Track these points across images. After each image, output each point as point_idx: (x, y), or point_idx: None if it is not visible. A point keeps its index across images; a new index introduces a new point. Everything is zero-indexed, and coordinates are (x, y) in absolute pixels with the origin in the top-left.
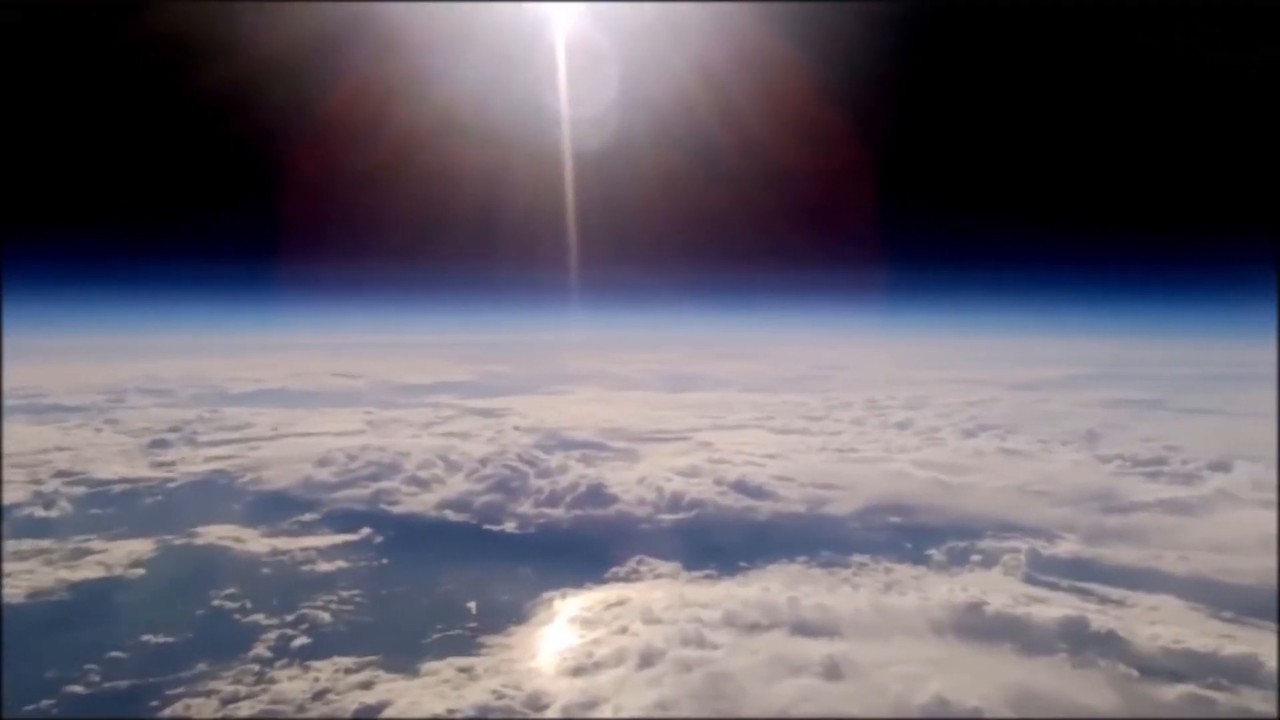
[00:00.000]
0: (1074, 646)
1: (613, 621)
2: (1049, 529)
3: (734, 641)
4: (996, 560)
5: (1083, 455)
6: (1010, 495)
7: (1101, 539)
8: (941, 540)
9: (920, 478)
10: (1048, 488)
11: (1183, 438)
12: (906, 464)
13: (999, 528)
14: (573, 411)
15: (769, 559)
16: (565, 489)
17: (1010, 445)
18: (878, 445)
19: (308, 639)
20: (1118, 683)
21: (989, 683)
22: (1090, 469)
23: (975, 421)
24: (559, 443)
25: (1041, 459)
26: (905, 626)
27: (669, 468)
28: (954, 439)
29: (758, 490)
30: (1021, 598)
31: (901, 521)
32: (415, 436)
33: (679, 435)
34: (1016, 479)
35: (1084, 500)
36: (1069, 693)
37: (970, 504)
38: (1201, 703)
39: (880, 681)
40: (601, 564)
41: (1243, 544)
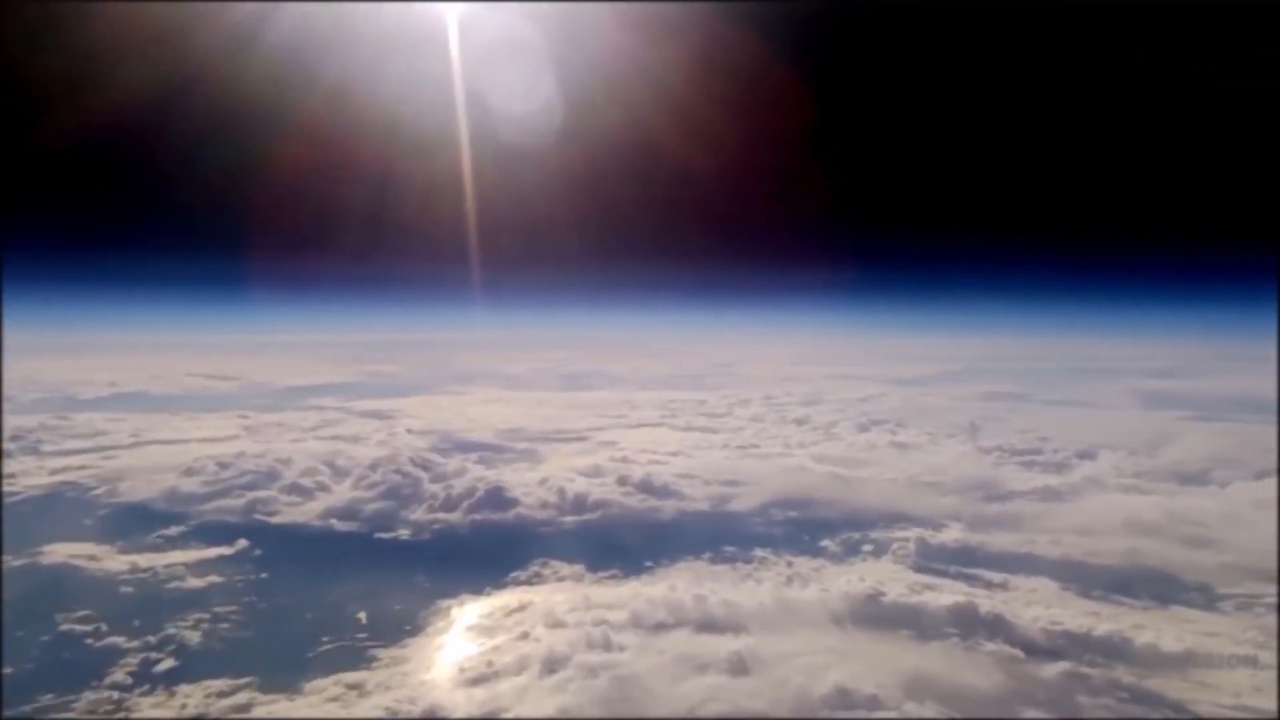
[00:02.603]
0: (964, 630)
1: (514, 628)
2: (936, 518)
3: (640, 642)
4: (887, 550)
5: (966, 447)
6: (901, 487)
7: (983, 526)
8: (838, 532)
9: (818, 472)
10: (935, 479)
11: (1052, 429)
12: (805, 459)
13: (890, 518)
14: (469, 412)
15: (675, 557)
16: (462, 493)
17: (900, 439)
18: (777, 441)
19: (174, 661)
20: (1005, 663)
21: (886, 670)
22: (973, 460)
23: (867, 416)
24: (455, 445)
25: (929, 451)
26: (807, 618)
27: (571, 468)
28: (849, 434)
29: (662, 489)
30: (916, 585)
31: (801, 515)
32: (297, 441)
33: (580, 435)
34: (906, 471)
35: (967, 490)
36: (960, 675)
37: (864, 496)
38: (1078, 679)
39: (783, 674)
40: (502, 569)
41: (1107, 527)
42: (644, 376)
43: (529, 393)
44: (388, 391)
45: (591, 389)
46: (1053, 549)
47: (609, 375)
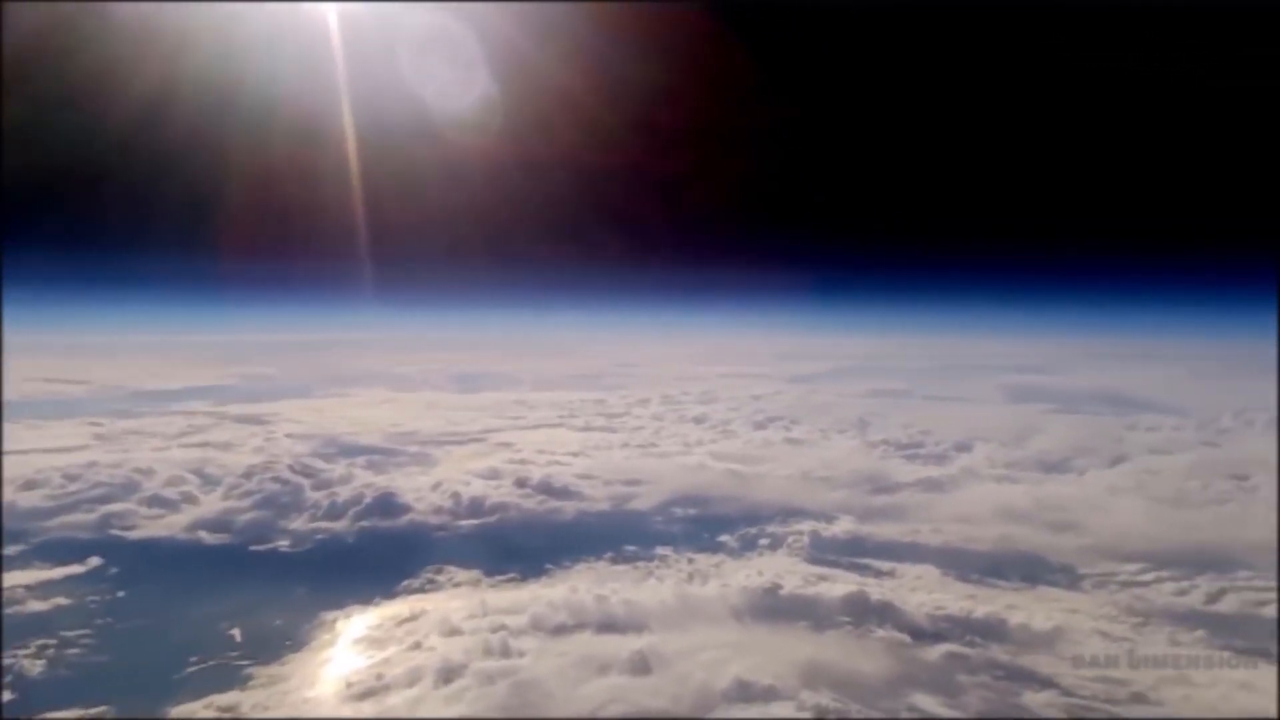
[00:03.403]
0: (856, 618)
1: (406, 638)
2: (829, 511)
3: (541, 646)
4: (783, 543)
5: (855, 442)
6: (795, 482)
7: (872, 517)
8: (736, 528)
9: (717, 469)
10: (827, 473)
11: (932, 423)
12: (704, 456)
13: (786, 513)
14: (355, 415)
15: (575, 558)
16: (349, 500)
17: (794, 435)
18: (676, 439)
19: (13, 694)
20: (893, 648)
21: (783, 661)
22: (861, 454)
23: (763, 414)
24: (340, 450)
25: (821, 447)
26: (708, 614)
27: (467, 471)
28: (745, 431)
29: (562, 490)
30: (811, 577)
31: (701, 512)
32: (160, 450)
33: (476, 437)
34: (800, 466)
35: (857, 483)
36: (853, 662)
37: (761, 492)
38: (958, 659)
39: (685, 671)
40: (393, 578)
41: (982, 515)
42: (540, 377)
43: (420, 394)
44: (264, 395)
45: (486, 390)
46: (935, 537)
47: (504, 376)
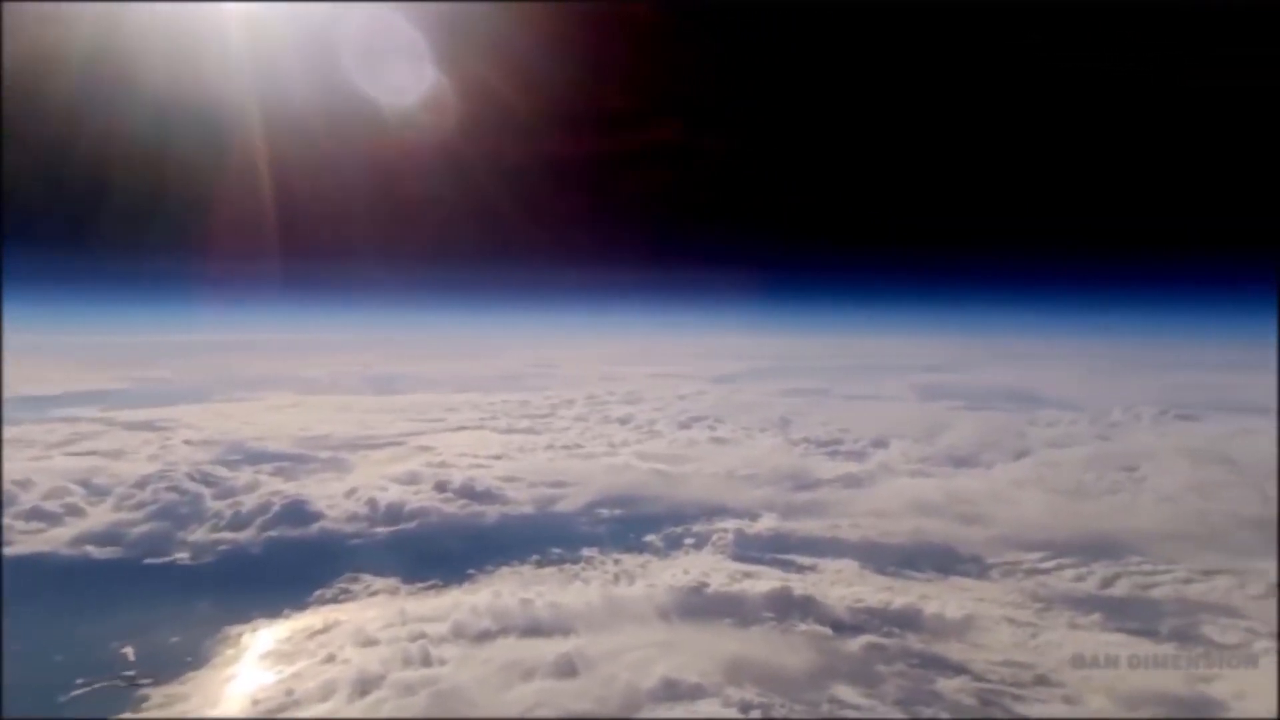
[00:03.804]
0: (780, 614)
1: (318, 650)
2: (753, 509)
3: (463, 653)
4: (707, 541)
5: (777, 440)
6: (720, 480)
7: (794, 514)
8: (662, 528)
9: (642, 469)
10: (751, 471)
11: (850, 421)
12: (629, 457)
13: (711, 511)
14: (262, 420)
15: (499, 563)
16: (255, 509)
17: (719, 434)
18: (601, 440)
19: None
20: (816, 641)
21: (709, 658)
22: (783, 452)
23: (687, 413)
24: (245, 456)
25: (745, 445)
26: (634, 614)
27: (384, 476)
28: (670, 431)
29: (485, 493)
30: (736, 574)
31: (627, 513)
32: (39, 459)
33: (393, 441)
34: (725, 465)
35: (780, 480)
36: (777, 657)
37: (687, 491)
38: (877, 650)
39: (611, 672)
40: (304, 588)
41: (898, 509)
42: (461, 378)
43: (331, 397)
44: (160, 399)
45: (403, 392)
46: (854, 532)
47: (422, 377)
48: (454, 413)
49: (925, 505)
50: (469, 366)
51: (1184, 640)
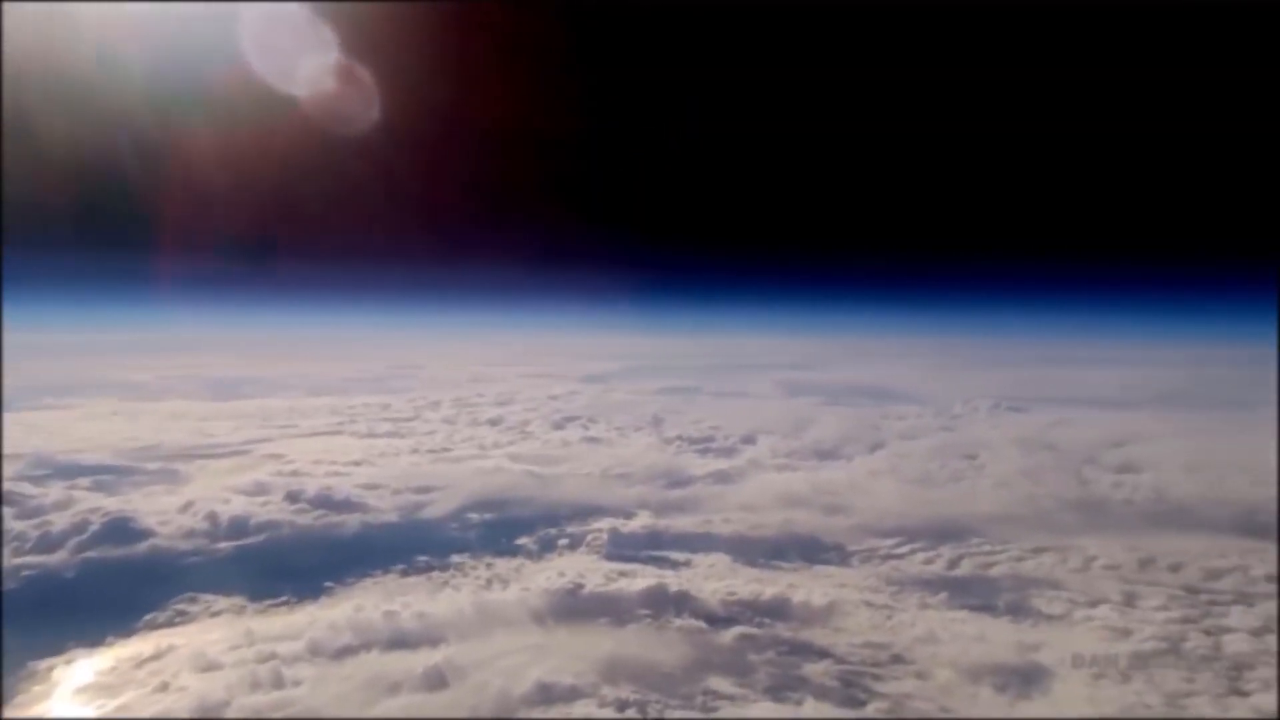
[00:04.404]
0: (656, 610)
1: (149, 680)
2: (627, 507)
3: (321, 672)
4: (582, 542)
5: (651, 438)
6: (594, 480)
7: (668, 511)
8: (536, 530)
9: (515, 471)
10: (625, 470)
11: (720, 418)
12: (501, 459)
13: (586, 511)
14: (77, 430)
15: (360, 575)
16: (68, 528)
17: (592, 434)
18: (471, 443)
19: None
20: (690, 635)
21: (585, 659)
22: (657, 450)
23: (560, 414)
24: (55, 470)
25: (619, 445)
26: (508, 619)
27: (226, 487)
28: (543, 431)
29: (343, 502)
30: (611, 574)
31: (499, 516)
32: None
33: (237, 449)
34: (599, 464)
35: (653, 478)
36: (652, 653)
37: (561, 492)
38: (749, 640)
39: (483, 680)
40: (130, 614)
41: (767, 502)
42: (315, 381)
43: (162, 404)
44: None
45: (249, 397)
46: (726, 526)
47: (270, 381)
48: (307, 418)
49: (792, 498)
50: (324, 369)
51: (1017, 613)
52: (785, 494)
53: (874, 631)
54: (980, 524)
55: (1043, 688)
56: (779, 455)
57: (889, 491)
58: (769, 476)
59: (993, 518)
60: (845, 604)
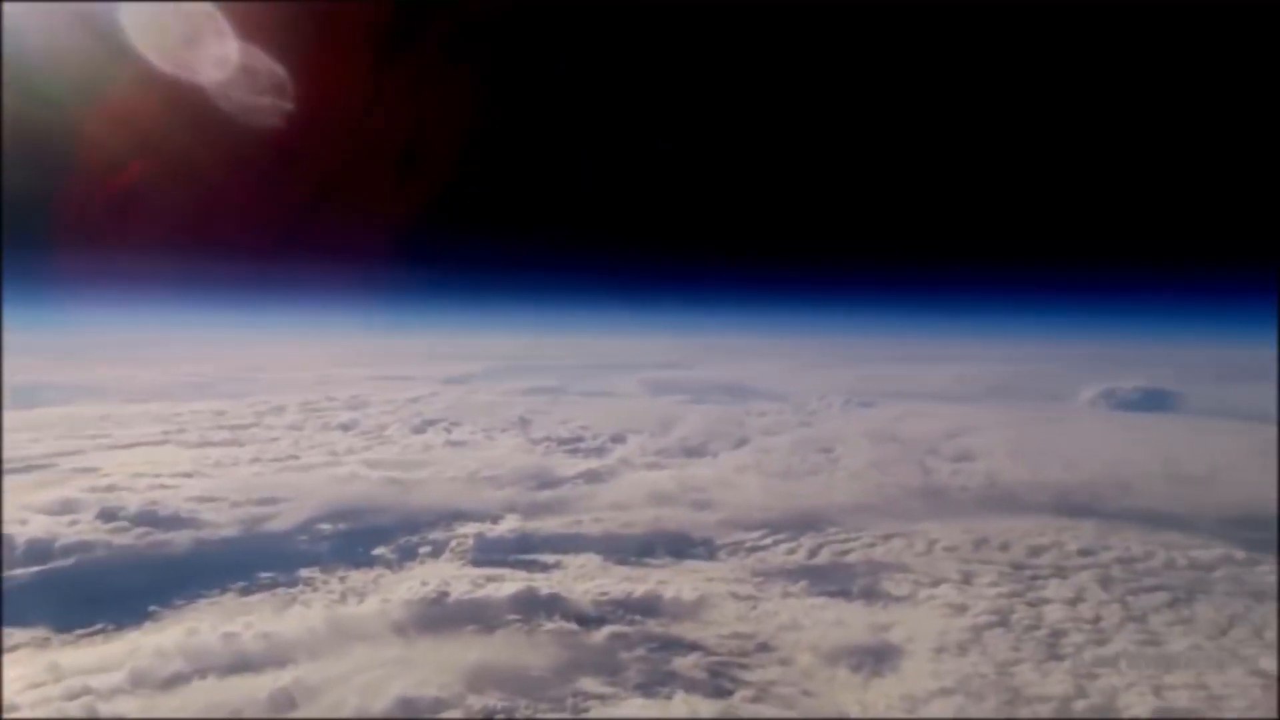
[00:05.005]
0: (526, 615)
1: None
2: (494, 511)
3: (146, 705)
4: (446, 549)
5: (518, 440)
6: (459, 484)
7: (537, 513)
8: (395, 538)
9: (372, 478)
10: (491, 473)
11: (588, 418)
12: (356, 465)
13: (450, 517)
14: None
15: (194, 596)
16: None
17: (456, 437)
18: (322, 450)
19: None
20: (562, 638)
21: (450, 669)
22: (524, 451)
23: (420, 417)
24: None
25: (484, 447)
26: (366, 634)
27: (24, 507)
28: (402, 435)
29: (171, 518)
30: (479, 580)
31: (354, 526)
32: None
33: (37, 463)
34: (464, 468)
35: (521, 480)
36: (521, 658)
37: (423, 498)
38: (620, 638)
39: (339, 699)
40: None
41: (636, 501)
42: (136, 386)
43: None
44: None
45: (53, 404)
46: (596, 526)
47: (78, 387)
48: (125, 427)
49: (661, 495)
50: (146, 373)
51: (870, 596)
52: (654, 492)
53: (740, 622)
54: (837, 514)
55: (893, 665)
56: (648, 453)
57: (753, 486)
58: (638, 475)
59: (848, 507)
60: (713, 597)
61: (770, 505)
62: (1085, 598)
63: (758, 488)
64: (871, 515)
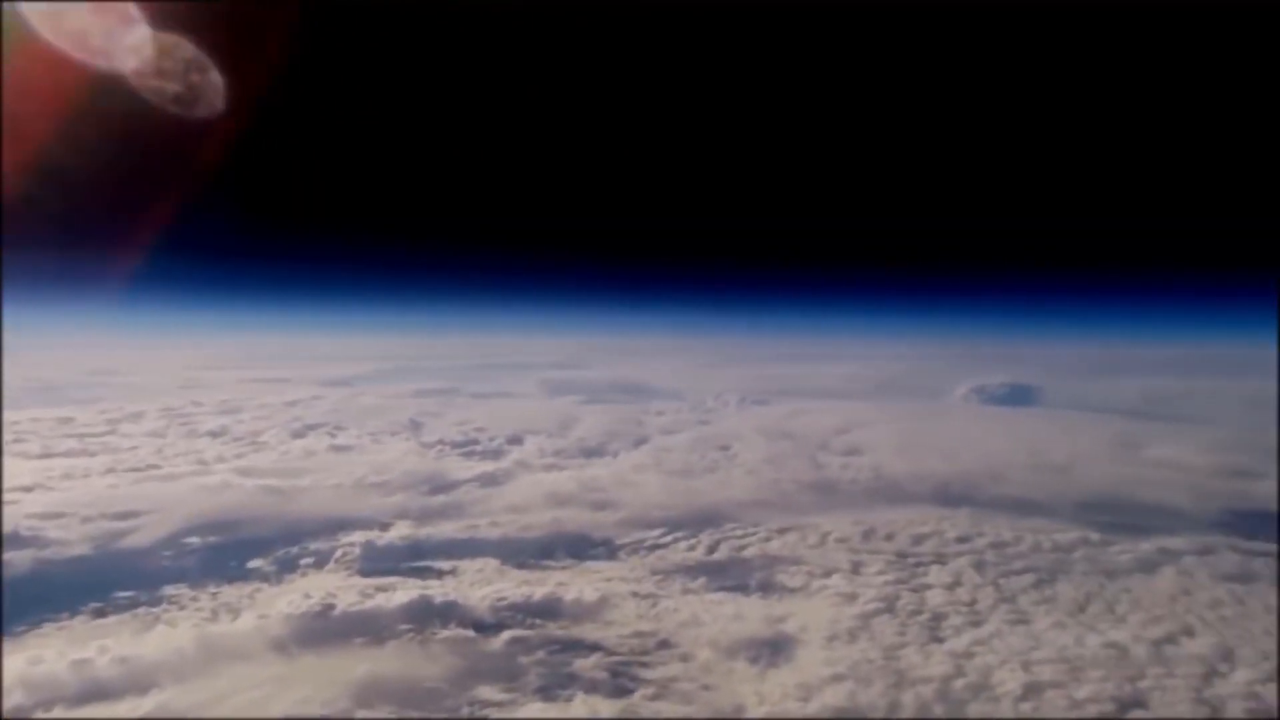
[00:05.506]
0: (419, 624)
1: None
2: (383, 518)
3: None
4: (330, 559)
5: (409, 444)
6: (345, 491)
7: (430, 519)
8: (274, 550)
9: (247, 487)
10: (380, 478)
11: (484, 419)
12: (229, 474)
13: (335, 526)
14: None
15: (38, 621)
16: None
17: (340, 441)
18: (188, 458)
19: None
20: (458, 646)
21: (337, 685)
22: (417, 456)
23: (301, 421)
24: None
25: (372, 452)
26: (242, 652)
27: None
28: (281, 441)
29: (9, 537)
30: (368, 590)
31: (227, 538)
32: None
33: None
34: (350, 474)
35: (413, 485)
36: (415, 669)
37: (305, 507)
38: (520, 643)
39: None
40: None
41: (535, 503)
42: None
43: None
44: None
45: None
46: (493, 530)
47: None
48: None
49: (560, 497)
50: None
51: (766, 589)
52: (553, 493)
53: (641, 621)
54: (734, 509)
55: (789, 655)
56: (546, 455)
57: (653, 485)
58: (537, 476)
59: (745, 503)
60: (614, 597)
61: (670, 503)
62: (962, 582)
63: (657, 486)
64: (767, 510)
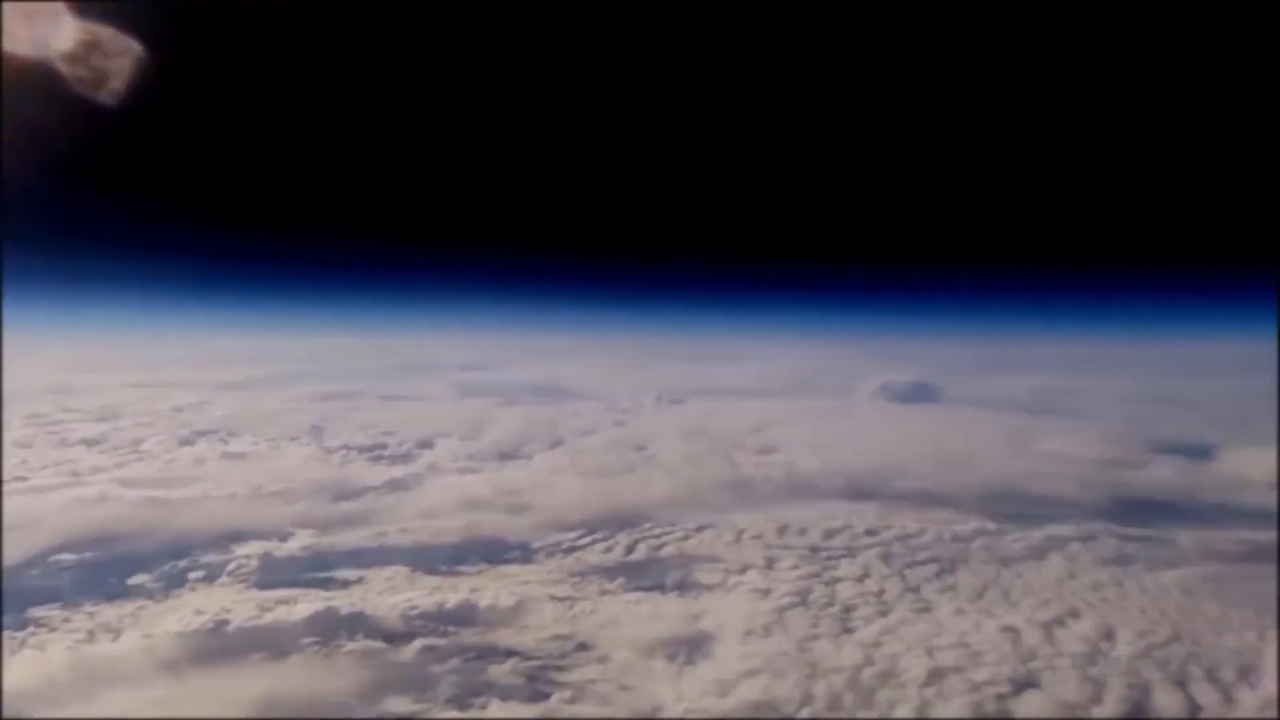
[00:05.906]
0: (324, 636)
1: None
2: (283, 528)
3: None
4: (223, 572)
5: (311, 450)
6: (240, 501)
7: (335, 527)
8: (159, 565)
9: (128, 499)
10: (280, 487)
11: (392, 423)
12: (107, 485)
13: (228, 537)
14: None
15: None
16: None
17: (234, 449)
18: (60, 469)
19: None
20: (366, 658)
21: (233, 704)
22: (320, 462)
23: (189, 428)
24: None
25: (271, 459)
26: (124, 675)
27: None
28: (166, 449)
29: None
30: (266, 603)
31: (104, 555)
32: None
33: None
34: (246, 483)
35: (316, 493)
36: (318, 684)
37: (194, 518)
38: (431, 652)
39: None
40: None
41: (447, 507)
42: None
43: None
44: None
45: None
46: (403, 537)
47: None
48: None
49: (474, 501)
50: None
51: (683, 588)
52: (467, 497)
53: (558, 624)
54: (652, 509)
55: (706, 652)
56: (458, 458)
57: (569, 486)
58: (449, 481)
59: (662, 502)
60: (531, 601)
61: (586, 505)
62: (871, 573)
63: (574, 488)
64: (684, 509)
